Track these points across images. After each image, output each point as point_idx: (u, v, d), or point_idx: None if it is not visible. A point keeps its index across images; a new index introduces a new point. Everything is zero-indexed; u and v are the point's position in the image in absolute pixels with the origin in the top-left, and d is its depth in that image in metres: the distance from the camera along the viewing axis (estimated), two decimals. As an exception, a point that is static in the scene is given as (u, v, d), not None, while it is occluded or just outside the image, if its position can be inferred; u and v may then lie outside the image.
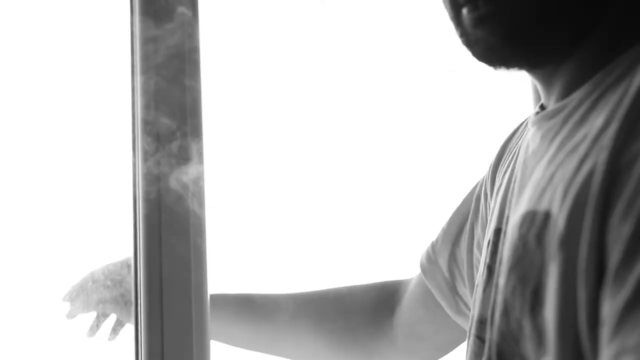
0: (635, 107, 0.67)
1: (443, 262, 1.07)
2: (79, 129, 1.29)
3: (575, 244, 0.67)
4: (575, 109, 0.76)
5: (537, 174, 0.77)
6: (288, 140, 1.45)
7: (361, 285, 1.22)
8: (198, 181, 1.13)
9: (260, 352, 1.22)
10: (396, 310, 1.16)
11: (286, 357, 1.22)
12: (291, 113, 1.45)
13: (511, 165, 0.90)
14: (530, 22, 0.75)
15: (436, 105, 1.52)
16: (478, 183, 1.05)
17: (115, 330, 1.21)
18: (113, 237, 1.25)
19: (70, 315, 1.20)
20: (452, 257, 1.06)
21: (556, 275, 0.69)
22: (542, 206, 0.74)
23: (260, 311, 1.20)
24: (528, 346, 0.72)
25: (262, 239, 1.42)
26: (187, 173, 1.13)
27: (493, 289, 0.82)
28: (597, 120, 0.71)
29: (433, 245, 1.10)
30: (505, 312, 0.76)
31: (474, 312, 0.87)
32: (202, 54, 1.21)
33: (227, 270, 1.32)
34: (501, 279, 0.78)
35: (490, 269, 0.84)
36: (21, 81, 1.28)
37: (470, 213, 1.04)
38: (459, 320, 1.07)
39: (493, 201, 0.93)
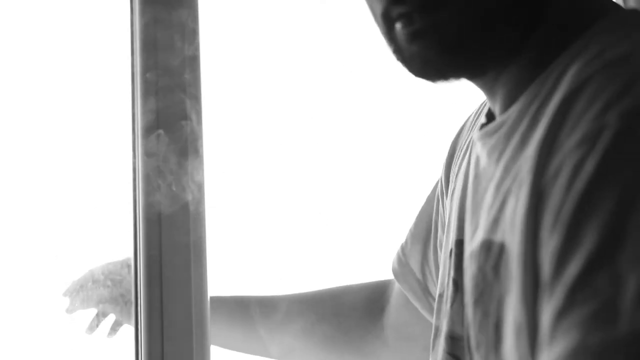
0: (554, 126, 0.67)
1: (415, 263, 1.06)
2: (78, 128, 1.29)
3: (525, 275, 0.67)
4: (516, 124, 0.74)
5: (489, 199, 0.76)
6: (288, 140, 1.45)
7: (354, 285, 1.21)
8: (198, 181, 1.13)
9: (256, 354, 1.22)
10: (385, 311, 1.15)
11: (281, 359, 1.22)
12: (291, 113, 1.45)
13: (462, 170, 0.88)
14: (468, 34, 0.73)
15: (437, 105, 1.53)
16: (437, 181, 1.04)
17: (114, 329, 1.21)
18: (113, 237, 1.25)
19: (70, 310, 1.20)
20: (425, 258, 1.05)
21: (512, 309, 0.68)
22: (497, 237, 0.73)
23: (254, 313, 1.20)
24: None
25: (262, 239, 1.42)
26: (187, 173, 1.12)
27: (463, 309, 0.81)
28: (531, 143, 0.70)
29: (403, 248, 1.09)
30: (477, 348, 0.76)
31: (440, 324, 0.86)
32: (202, 54, 1.21)
33: (227, 270, 1.32)
34: (469, 310, 0.78)
35: (457, 284, 0.83)
36: (21, 81, 1.28)
37: (434, 212, 1.03)
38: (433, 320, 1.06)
39: (449, 205, 0.91)
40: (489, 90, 0.80)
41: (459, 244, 0.83)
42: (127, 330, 1.19)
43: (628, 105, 0.61)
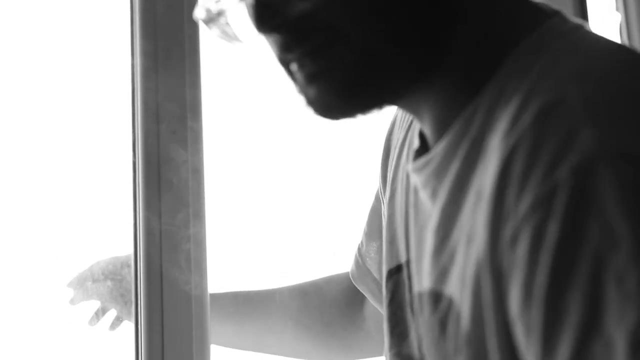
0: (497, 189, 0.63)
1: (372, 263, 1.03)
2: (78, 129, 1.29)
3: (481, 341, 0.65)
4: (445, 163, 0.72)
5: (430, 242, 0.74)
6: (289, 140, 1.45)
7: (336, 276, 1.19)
8: (198, 181, 1.13)
9: (248, 350, 1.22)
10: (365, 302, 1.14)
11: (274, 354, 1.22)
12: (291, 113, 1.45)
13: (401, 181, 0.86)
14: (358, 73, 0.70)
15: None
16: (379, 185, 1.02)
17: (114, 325, 1.21)
18: (113, 237, 1.25)
19: (73, 302, 1.21)
20: (381, 259, 1.01)
21: None
22: (446, 290, 0.71)
23: (242, 307, 1.19)
24: None
25: (263, 239, 1.42)
26: (187, 173, 1.13)
27: (398, 336, 0.81)
28: (472, 192, 0.68)
29: (359, 249, 1.07)
30: None
31: (391, 343, 0.85)
32: (202, 54, 1.21)
33: (227, 270, 1.32)
34: (426, 354, 0.77)
35: (412, 309, 0.81)
36: (20, 81, 1.28)
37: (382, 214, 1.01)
38: None
39: (387, 209, 0.89)
40: (414, 112, 0.78)
41: (408, 264, 0.81)
42: (128, 329, 1.19)
43: (576, 160, 0.57)
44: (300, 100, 0.74)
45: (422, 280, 0.77)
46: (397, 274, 0.85)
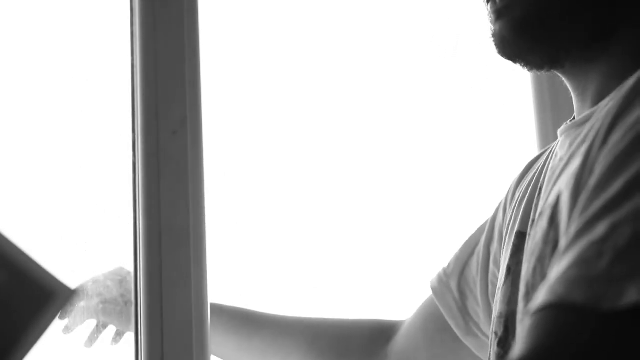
0: (616, 112, 0.66)
1: (453, 283, 1.09)
2: (78, 129, 1.29)
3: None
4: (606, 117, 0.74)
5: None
6: (289, 142, 1.45)
7: (358, 319, 1.24)
8: (198, 181, 1.13)
9: None
10: (392, 340, 1.17)
11: None
12: (292, 113, 1.45)
13: (535, 177, 0.90)
14: (540, 15, 0.76)
15: (437, 106, 1.52)
16: (494, 212, 1.06)
17: (116, 340, 1.21)
18: (113, 242, 1.25)
19: (69, 329, 1.20)
20: (462, 277, 1.08)
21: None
22: (558, 192, 0.74)
23: (253, 324, 1.20)
24: None
25: (262, 239, 1.42)
26: (187, 174, 1.12)
27: (511, 289, 0.82)
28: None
29: (445, 270, 1.13)
30: (527, 294, 0.76)
31: (495, 312, 0.88)
32: (202, 54, 1.21)
33: (227, 270, 1.32)
34: (523, 268, 0.78)
35: (509, 268, 0.84)
36: (20, 81, 1.28)
37: (484, 235, 1.05)
38: (467, 340, 1.07)
39: (513, 210, 0.93)
40: (579, 88, 0.81)
41: (521, 235, 0.85)
42: (128, 335, 1.19)
43: None
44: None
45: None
46: (512, 243, 0.87)
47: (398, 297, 1.40)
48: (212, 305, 1.14)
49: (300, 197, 1.44)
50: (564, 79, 0.83)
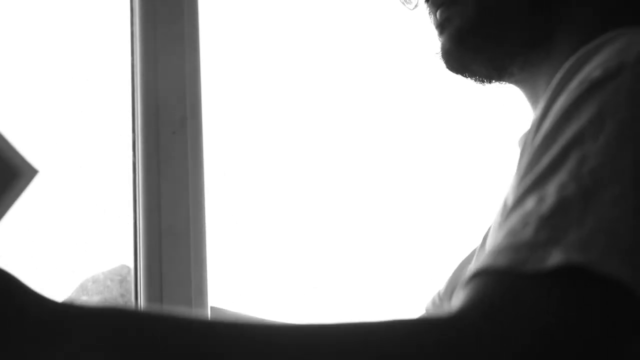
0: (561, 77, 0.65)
1: (447, 305, 1.09)
2: (78, 128, 1.29)
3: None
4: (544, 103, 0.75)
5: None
6: (289, 142, 1.45)
7: None
8: (198, 183, 1.13)
9: None
10: None
11: None
12: (292, 113, 1.45)
13: None
14: (477, 23, 0.76)
15: (440, 104, 1.53)
16: (487, 230, 1.05)
17: None
18: (113, 241, 1.25)
19: None
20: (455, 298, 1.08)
21: None
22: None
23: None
24: None
25: (263, 242, 1.42)
26: (187, 174, 1.12)
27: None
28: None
29: (439, 293, 1.13)
30: None
31: None
32: (202, 54, 1.21)
33: (227, 270, 1.32)
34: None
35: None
36: (20, 81, 1.28)
37: (476, 255, 1.05)
38: None
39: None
40: (531, 92, 0.81)
41: None
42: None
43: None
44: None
45: None
46: None
47: (398, 297, 1.40)
48: (214, 309, 1.14)
49: (300, 197, 1.45)
50: (518, 88, 0.82)
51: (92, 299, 1.20)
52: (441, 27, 0.79)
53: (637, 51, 0.60)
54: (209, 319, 0.62)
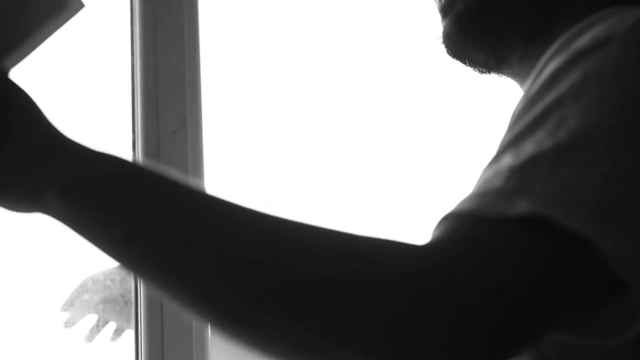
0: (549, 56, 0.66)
1: None
2: (78, 128, 1.29)
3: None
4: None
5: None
6: (289, 142, 1.45)
7: None
8: (198, 182, 1.13)
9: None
10: None
11: None
12: (292, 113, 1.45)
13: None
14: (482, 7, 0.77)
15: (440, 104, 1.53)
16: None
17: (115, 337, 1.21)
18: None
19: (69, 324, 1.20)
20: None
21: None
22: None
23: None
24: None
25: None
26: (187, 174, 1.12)
27: None
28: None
29: None
30: None
31: None
32: (202, 54, 1.21)
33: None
34: None
35: None
36: (19, 81, 1.28)
37: None
38: None
39: None
40: (523, 82, 0.81)
41: None
42: (129, 333, 1.19)
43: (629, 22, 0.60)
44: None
45: None
46: None
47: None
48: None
49: (300, 197, 1.45)
50: (515, 82, 0.82)
51: (92, 298, 1.20)
52: (444, 11, 0.79)
53: (627, 24, 0.60)
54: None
